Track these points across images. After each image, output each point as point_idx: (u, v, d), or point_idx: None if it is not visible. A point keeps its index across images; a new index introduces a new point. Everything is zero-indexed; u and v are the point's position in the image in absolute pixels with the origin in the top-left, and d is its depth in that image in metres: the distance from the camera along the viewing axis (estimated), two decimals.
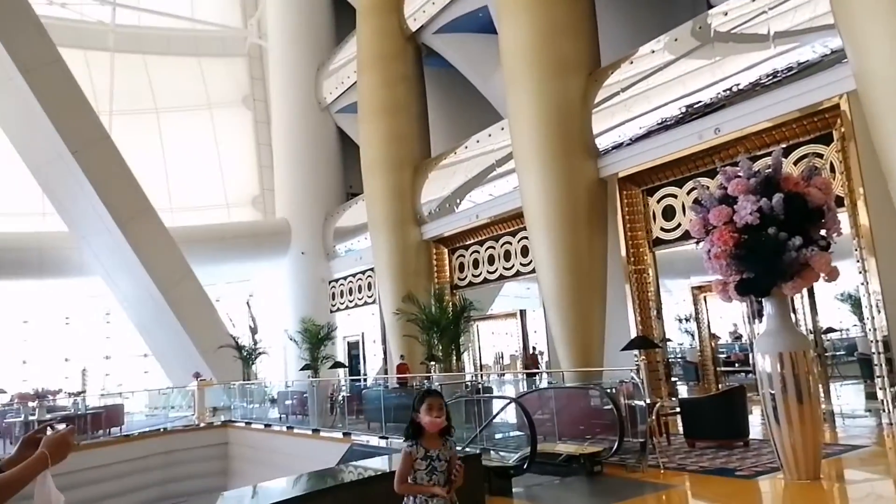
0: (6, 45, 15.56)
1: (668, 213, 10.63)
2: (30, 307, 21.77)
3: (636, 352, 9.50)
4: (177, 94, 23.52)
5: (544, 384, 10.98)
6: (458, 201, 14.89)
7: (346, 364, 18.46)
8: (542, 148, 11.05)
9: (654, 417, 7.00)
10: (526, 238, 12.79)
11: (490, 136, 13.92)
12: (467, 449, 7.44)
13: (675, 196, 10.56)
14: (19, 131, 17.33)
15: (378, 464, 6.25)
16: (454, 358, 11.24)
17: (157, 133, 23.10)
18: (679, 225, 10.38)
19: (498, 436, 9.12)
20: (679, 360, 12.11)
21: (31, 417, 13.12)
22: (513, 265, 13.91)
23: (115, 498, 12.39)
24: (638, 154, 10.69)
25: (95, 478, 11.90)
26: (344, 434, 11.34)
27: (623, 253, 10.86)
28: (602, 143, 11.10)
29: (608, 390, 7.14)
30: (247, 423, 14.59)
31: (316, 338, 15.32)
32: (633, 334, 10.35)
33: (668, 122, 10.11)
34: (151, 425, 15.64)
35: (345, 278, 20.20)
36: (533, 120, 11.14)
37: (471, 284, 15.00)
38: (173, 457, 13.90)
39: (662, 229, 10.71)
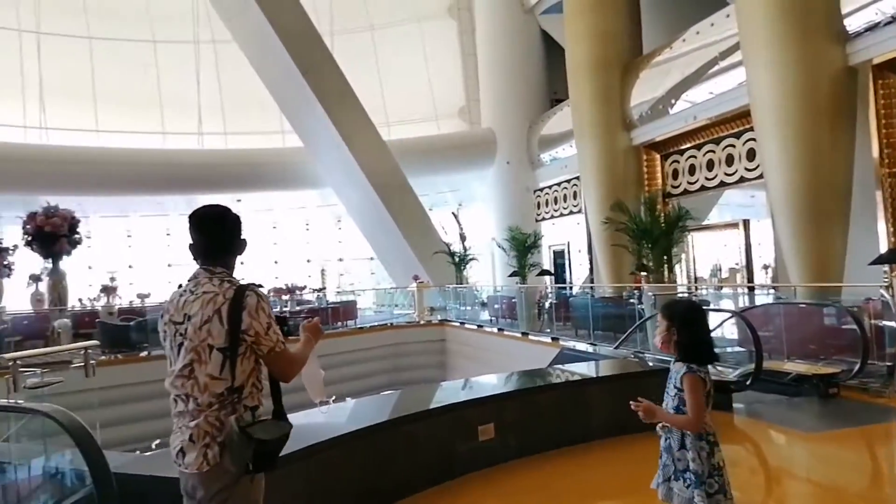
0: None
1: None
2: (277, 214, 25.03)
3: (885, 267, 8.32)
4: (389, 9, 24.36)
5: (769, 299, 10.18)
6: (672, 102, 13.82)
7: (552, 272, 18.73)
8: (777, 33, 9.68)
9: None
10: (753, 140, 11.54)
11: (713, 25, 12.52)
12: None
13: None
14: (259, 56, 19.35)
15: (586, 368, 6.40)
16: (666, 270, 10.79)
17: (371, 49, 24.31)
18: None
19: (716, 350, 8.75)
20: None
21: (284, 309, 15.46)
22: (735, 170, 12.71)
23: (353, 381, 14.24)
24: None
25: (336, 363, 13.74)
26: (552, 339, 11.69)
27: (875, 153, 9.34)
28: (852, 23, 9.40)
29: (851, 308, 6.41)
30: (461, 323, 15.67)
31: (523, 246, 15.66)
32: (883, 247, 9.05)
33: None
34: (379, 320, 17.57)
35: (549, 187, 20.13)
36: (766, 0, 9.76)
37: (686, 192, 14.06)
38: (399, 349, 15.55)
39: None
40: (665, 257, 10.52)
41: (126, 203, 21.88)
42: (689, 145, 13.90)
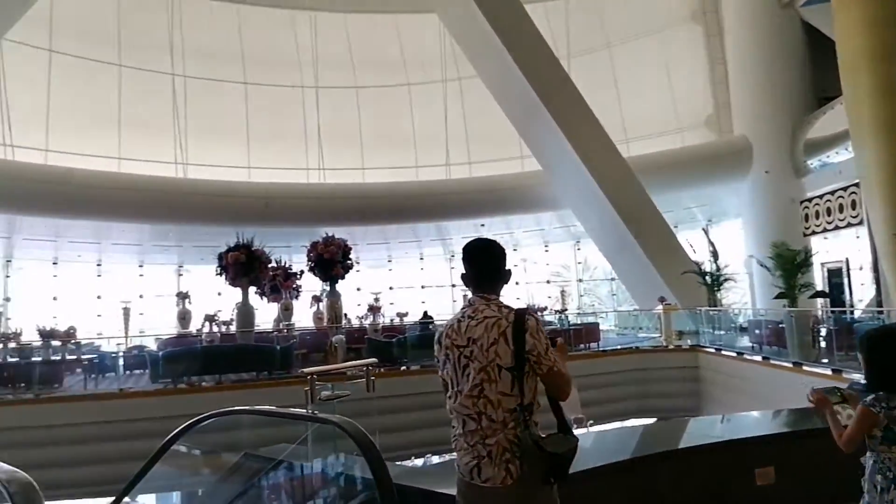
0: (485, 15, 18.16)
1: None
2: (518, 236, 25.70)
3: None
4: (627, 24, 23.81)
5: None
6: None
7: (828, 293, 16.36)
8: None
9: None
10: None
11: None
12: None
13: None
14: (500, 86, 20.22)
15: None
16: None
17: (608, 67, 23.93)
18: None
19: None
20: None
21: None
22: None
23: (597, 405, 13.87)
24: None
25: (580, 385, 13.47)
26: (833, 370, 10.16)
27: None
28: None
29: None
30: (717, 349, 14.41)
31: (791, 263, 13.89)
32: None
33: None
34: (623, 343, 16.90)
35: (820, 197, 17.71)
36: None
37: None
38: (646, 374, 14.76)
39: None
40: None
41: (387, 231, 24.29)
42: None
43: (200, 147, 21.92)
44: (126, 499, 3.56)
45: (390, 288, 25.23)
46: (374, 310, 18.11)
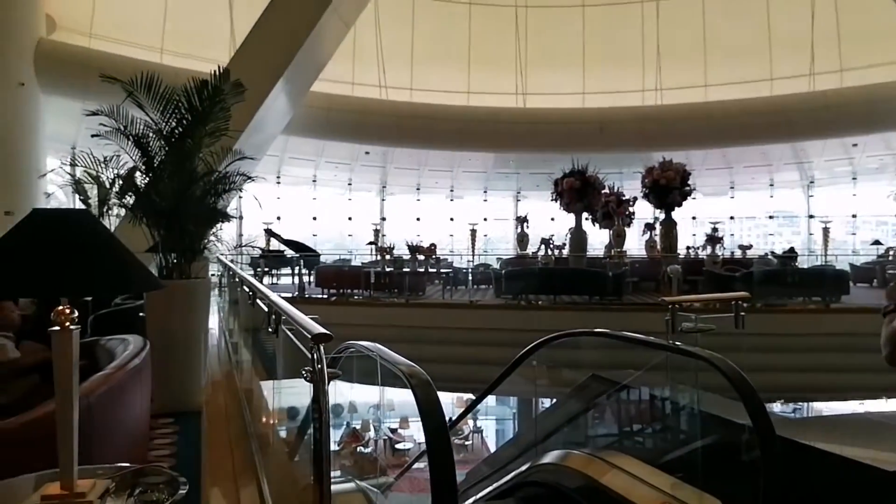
0: None
1: None
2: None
3: None
4: None
5: None
6: None
7: None
8: None
9: None
10: None
11: None
12: None
13: None
14: None
15: None
16: None
17: None
18: None
19: None
20: None
21: None
22: None
23: None
24: None
25: None
26: None
27: None
28: None
29: None
30: None
31: None
32: None
33: None
34: None
35: None
36: None
37: None
38: None
39: None
40: None
41: (730, 155, 22.09)
42: None
43: (538, 76, 22.53)
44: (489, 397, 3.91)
45: (731, 218, 23.11)
46: (712, 240, 16.81)
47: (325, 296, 13.25)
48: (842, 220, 22.00)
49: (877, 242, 19.07)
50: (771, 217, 23.00)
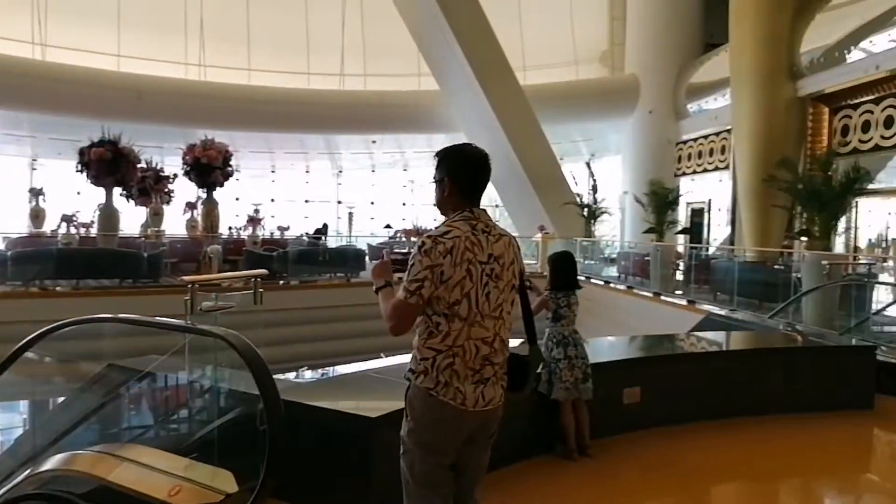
0: None
1: None
2: (409, 157, 25.39)
3: None
4: None
5: None
6: (849, 49, 12.26)
7: (690, 230, 17.69)
8: None
9: None
10: None
11: None
12: (854, 340, 6.62)
13: None
14: None
15: (744, 340, 5.96)
16: (832, 236, 9.79)
17: None
18: None
19: (875, 328, 7.93)
20: None
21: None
22: None
23: None
24: None
25: None
26: (688, 301, 11.07)
27: None
28: None
29: None
30: (586, 277, 15.23)
31: (664, 201, 14.80)
32: None
33: None
34: None
35: (694, 140, 18.79)
36: None
37: (856, 152, 12.56)
38: None
39: None
40: (833, 223, 9.50)
41: (272, 140, 23.07)
42: (865, 99, 12.35)
43: (63, 27, 19.40)
44: None
45: (272, 200, 24.28)
46: (253, 221, 17.35)
47: None
48: (364, 206, 25.41)
49: (388, 226, 22.60)
50: (307, 201, 25.03)
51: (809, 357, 5.10)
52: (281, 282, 13.24)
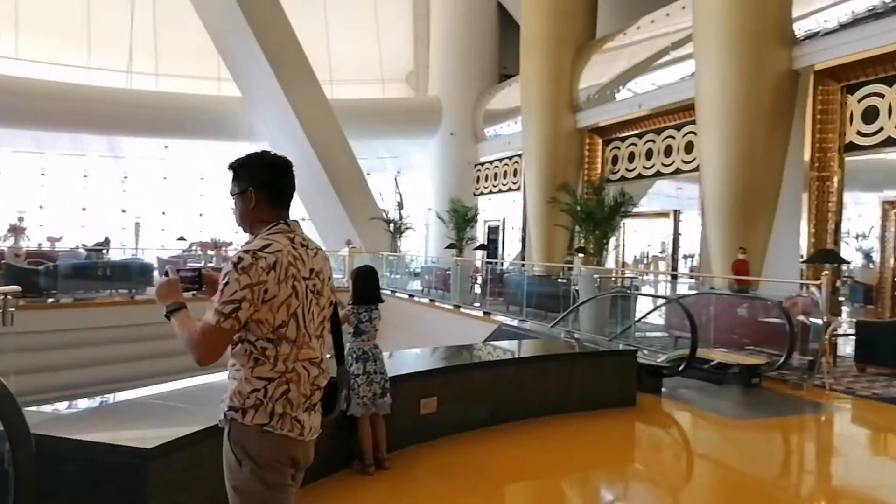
0: None
1: (870, 115, 9.31)
2: (205, 165, 23.90)
3: (825, 267, 8.73)
4: None
5: (690, 289, 10.57)
6: (619, 88, 14.00)
7: (487, 246, 18.83)
8: (730, 31, 9.91)
9: (827, 337, 6.54)
10: (693, 133, 11.86)
11: (668, 15, 12.69)
12: (620, 345, 7.42)
13: (881, 96, 9.18)
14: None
15: (531, 347, 6.42)
16: (604, 253, 11.06)
17: (320, 3, 23.34)
18: (881, 129, 9.10)
19: (638, 334, 9.04)
20: (846, 279, 11.08)
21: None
22: (673, 162, 13.06)
23: None
24: (843, 44, 9.32)
25: None
26: (484, 313, 11.74)
27: (806, 157, 9.77)
28: (801, 28, 9.77)
29: (781, 303, 6.71)
30: (392, 291, 15.50)
31: (463, 219, 15.63)
32: (804, 247, 9.56)
33: (881, 10, 8.63)
34: None
35: (490, 162, 20.12)
36: None
37: (623, 179, 14.36)
38: None
39: (860, 133, 9.44)
40: (605, 241, 10.73)
41: (43, 139, 20.36)
42: (630, 133, 14.16)
43: None
44: None
45: (41, 207, 21.38)
46: (16, 230, 15.12)
47: None
48: (154, 216, 23.32)
49: (182, 238, 20.99)
50: (84, 209, 22.39)
51: (583, 361, 5.67)
52: (49, 300, 11.68)
